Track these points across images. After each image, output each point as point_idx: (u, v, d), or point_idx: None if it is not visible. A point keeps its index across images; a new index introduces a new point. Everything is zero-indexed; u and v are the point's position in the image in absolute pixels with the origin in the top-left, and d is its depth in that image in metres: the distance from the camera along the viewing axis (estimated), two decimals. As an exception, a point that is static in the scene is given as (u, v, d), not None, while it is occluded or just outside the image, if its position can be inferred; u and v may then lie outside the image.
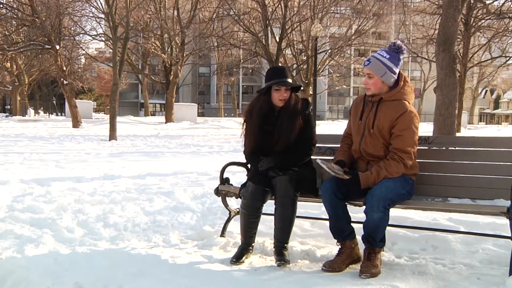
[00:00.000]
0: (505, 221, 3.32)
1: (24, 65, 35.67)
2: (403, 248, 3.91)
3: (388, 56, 3.48)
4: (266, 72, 3.92)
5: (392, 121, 3.41)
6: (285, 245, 3.62)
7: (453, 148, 3.87)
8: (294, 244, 3.98)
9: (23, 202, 5.29)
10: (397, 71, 3.51)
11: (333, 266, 3.39)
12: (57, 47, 21.88)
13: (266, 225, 4.45)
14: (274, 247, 3.64)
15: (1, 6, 23.70)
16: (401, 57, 3.53)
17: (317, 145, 3.92)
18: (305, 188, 3.68)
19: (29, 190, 6.11)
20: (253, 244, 3.75)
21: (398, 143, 3.40)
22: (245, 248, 3.68)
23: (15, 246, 3.80)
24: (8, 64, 35.27)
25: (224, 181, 4.04)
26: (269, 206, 3.74)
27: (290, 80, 3.72)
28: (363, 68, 3.53)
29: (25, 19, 22.54)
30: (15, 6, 23.26)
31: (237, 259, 3.57)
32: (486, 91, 72.04)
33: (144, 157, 10.88)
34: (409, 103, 3.47)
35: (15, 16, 23.96)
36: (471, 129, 33.18)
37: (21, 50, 25.29)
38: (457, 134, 15.77)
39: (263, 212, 3.75)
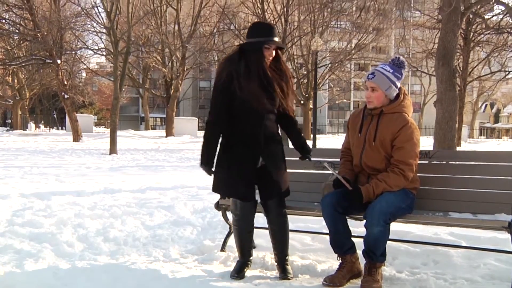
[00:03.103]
0: (506, 235, 3.30)
1: (25, 79, 35.78)
2: (404, 263, 3.89)
3: (391, 71, 3.51)
4: (252, 27, 3.59)
5: (394, 134, 3.42)
6: (287, 257, 3.63)
7: (453, 162, 3.87)
8: (294, 259, 3.96)
9: (23, 217, 5.27)
10: (399, 85, 3.54)
11: (334, 281, 3.37)
12: (59, 61, 21.97)
13: (266, 239, 4.42)
14: (276, 262, 3.65)
15: (4, 21, 23.85)
16: (403, 72, 3.56)
17: (316, 159, 3.92)
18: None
19: (29, 204, 6.09)
20: (251, 258, 3.72)
21: (400, 155, 3.40)
22: (244, 262, 3.66)
23: (14, 261, 3.78)
24: (10, 79, 35.40)
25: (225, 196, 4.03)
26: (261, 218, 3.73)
27: (277, 39, 3.52)
28: (366, 81, 3.54)
29: (27, 34, 22.68)
30: (17, 21, 23.40)
31: (238, 273, 3.55)
32: (486, 105, 72.17)
33: (144, 171, 10.87)
34: (408, 116, 3.50)
35: (17, 31, 24.12)
36: (471, 143, 33.16)
37: (23, 64, 25.40)
38: (458, 148, 15.76)
39: (261, 226, 3.75)
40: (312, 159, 3.75)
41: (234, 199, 3.60)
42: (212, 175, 3.54)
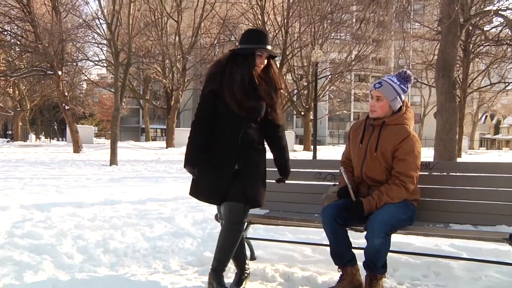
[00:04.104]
0: (507, 247, 3.30)
1: (26, 90, 35.91)
2: (405, 275, 3.87)
3: (398, 83, 3.53)
4: (246, 33, 3.52)
5: (395, 145, 3.43)
6: (224, 269, 3.49)
7: (454, 174, 3.87)
8: (295, 270, 3.95)
9: (23, 228, 5.25)
10: (403, 98, 3.56)
11: (334, 292, 3.36)
12: (59, 72, 22.05)
13: (266, 250, 4.43)
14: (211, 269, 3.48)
15: (6, 33, 23.99)
16: (409, 85, 3.57)
17: (318, 170, 3.92)
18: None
19: (29, 215, 6.08)
20: (247, 267, 3.67)
21: (401, 167, 3.40)
22: (242, 273, 3.62)
23: (14, 273, 3.76)
24: (11, 90, 35.51)
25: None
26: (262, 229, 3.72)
27: (270, 47, 3.45)
28: (372, 90, 3.54)
29: (29, 45, 22.79)
30: (19, 33, 23.54)
31: (238, 285, 3.53)
32: (486, 116, 72.21)
33: (144, 182, 10.86)
34: (410, 128, 3.50)
35: (18, 43, 24.24)
36: (472, 154, 33.14)
37: (24, 76, 25.49)
38: (458, 160, 15.75)
39: (261, 238, 3.73)
40: (312, 170, 3.70)
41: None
42: (195, 175, 3.40)
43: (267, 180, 3.56)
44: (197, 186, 3.48)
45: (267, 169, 3.56)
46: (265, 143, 3.57)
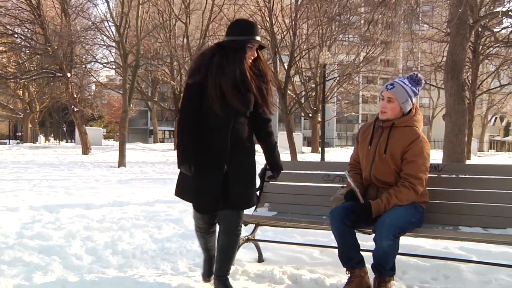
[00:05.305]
0: (517, 250, 3.27)
1: (35, 92, 36.13)
2: (414, 277, 3.85)
3: (409, 85, 3.53)
4: (234, 24, 3.37)
5: (404, 147, 3.42)
6: (229, 272, 3.48)
7: (463, 176, 3.84)
8: (303, 273, 3.94)
9: (32, 229, 5.29)
10: (414, 101, 3.55)
11: (343, 295, 3.35)
12: (68, 75, 22.18)
13: (275, 252, 4.42)
14: (215, 276, 3.46)
15: (16, 36, 24.19)
16: (419, 88, 3.57)
17: (326, 172, 3.90)
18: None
19: (38, 217, 6.12)
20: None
21: (410, 169, 3.39)
22: (211, 258, 3.60)
23: (23, 274, 3.78)
24: (21, 92, 35.75)
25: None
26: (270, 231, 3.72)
27: (259, 38, 3.30)
28: (384, 91, 3.53)
29: (38, 47, 22.94)
30: (29, 35, 23.72)
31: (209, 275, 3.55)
32: (496, 118, 71.69)
33: (152, 184, 10.89)
34: (419, 130, 3.49)
35: (28, 45, 24.42)
36: (481, 157, 32.93)
37: (34, 78, 25.64)
38: (467, 162, 15.66)
39: (270, 240, 3.71)
40: (320, 172, 3.68)
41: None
42: (193, 173, 3.26)
43: (276, 182, 3.55)
44: (185, 186, 3.41)
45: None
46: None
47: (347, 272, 3.49)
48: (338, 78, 29.53)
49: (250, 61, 3.29)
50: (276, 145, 3.50)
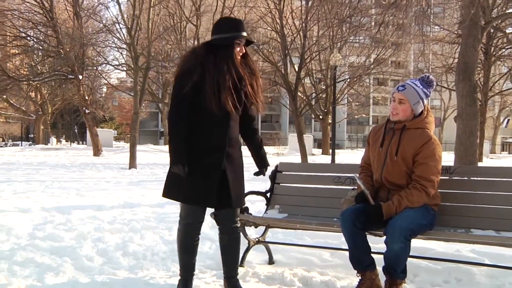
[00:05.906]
0: (531, 253, 3.24)
1: (48, 94, 36.42)
2: (425, 280, 3.82)
3: (421, 87, 3.51)
4: (220, 22, 3.43)
5: (416, 149, 3.40)
6: (238, 273, 3.51)
7: (475, 178, 3.81)
8: (313, 275, 3.93)
9: (44, 230, 5.33)
10: (425, 103, 3.53)
11: (353, 298, 3.34)
12: (80, 77, 22.34)
13: (285, 254, 4.41)
14: (225, 277, 3.50)
15: (29, 38, 24.43)
16: (431, 90, 3.55)
17: (336, 174, 3.89)
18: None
19: (50, 218, 6.16)
20: (194, 273, 3.58)
21: (422, 171, 3.37)
22: (189, 280, 3.51)
23: (35, 275, 3.81)
24: (33, 94, 36.08)
25: (243, 210, 4.02)
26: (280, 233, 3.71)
27: (245, 34, 3.33)
28: (395, 92, 3.51)
29: (50, 50, 23.14)
30: (41, 38, 23.94)
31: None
32: (508, 120, 70.98)
33: (163, 186, 10.89)
34: (431, 132, 3.47)
35: (41, 48, 24.64)
36: (493, 159, 32.64)
37: (46, 80, 25.86)
38: (479, 164, 15.53)
39: (280, 242, 3.70)
40: (331, 174, 3.67)
41: (186, 204, 3.42)
42: (186, 174, 3.24)
43: (286, 184, 3.54)
44: (178, 186, 3.36)
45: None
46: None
47: (358, 274, 3.48)
48: (348, 80, 29.44)
49: (239, 57, 3.31)
50: (262, 142, 3.56)
